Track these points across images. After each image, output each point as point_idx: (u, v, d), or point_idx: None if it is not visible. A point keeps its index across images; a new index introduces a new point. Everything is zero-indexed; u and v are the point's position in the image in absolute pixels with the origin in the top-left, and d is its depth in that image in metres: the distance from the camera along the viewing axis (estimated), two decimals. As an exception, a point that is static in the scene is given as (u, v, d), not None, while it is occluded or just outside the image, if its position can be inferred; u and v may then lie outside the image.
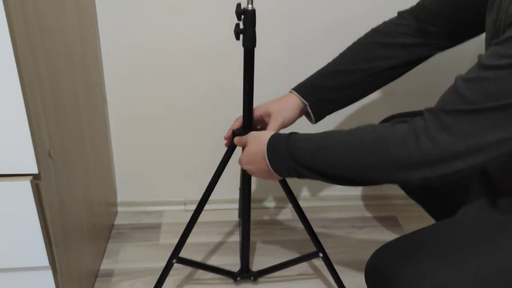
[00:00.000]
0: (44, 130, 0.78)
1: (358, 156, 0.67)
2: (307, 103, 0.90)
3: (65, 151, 0.90)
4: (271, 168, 0.78)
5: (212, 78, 1.25)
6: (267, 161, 0.78)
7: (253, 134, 0.86)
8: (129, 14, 1.15)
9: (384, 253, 0.75)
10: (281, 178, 0.84)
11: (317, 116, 0.92)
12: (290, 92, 0.92)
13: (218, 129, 1.30)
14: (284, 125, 0.91)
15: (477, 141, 0.59)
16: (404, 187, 1.03)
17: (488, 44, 0.72)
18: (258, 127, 0.94)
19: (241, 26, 0.80)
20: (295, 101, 0.91)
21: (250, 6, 0.78)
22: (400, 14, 0.90)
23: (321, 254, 1.03)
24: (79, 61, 1.00)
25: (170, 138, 1.32)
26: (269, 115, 0.91)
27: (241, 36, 0.81)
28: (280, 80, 1.27)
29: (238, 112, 0.91)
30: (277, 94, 1.33)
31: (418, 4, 0.89)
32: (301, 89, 0.91)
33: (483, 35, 0.81)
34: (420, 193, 1.01)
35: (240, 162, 0.88)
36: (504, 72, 0.55)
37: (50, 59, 0.81)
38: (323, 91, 0.90)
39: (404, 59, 0.88)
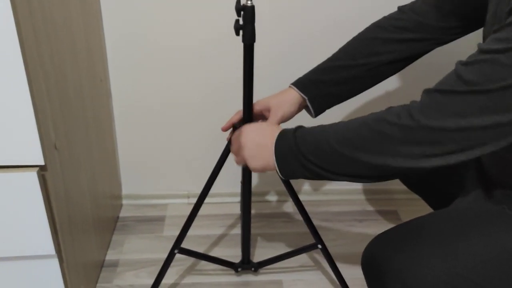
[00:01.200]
0: (50, 123, 0.80)
1: (356, 136, 0.67)
2: (306, 98, 0.91)
3: (71, 144, 0.92)
4: (277, 169, 0.76)
5: (215, 72, 1.27)
6: (276, 164, 0.75)
7: (252, 126, 0.84)
8: (133, 9, 1.17)
9: (380, 241, 0.77)
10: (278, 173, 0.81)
11: (316, 110, 0.93)
12: (289, 86, 0.94)
13: (222, 123, 1.32)
14: (284, 119, 0.92)
15: (469, 123, 0.59)
16: (404, 179, 1.04)
17: (486, 36, 0.73)
18: (259, 121, 0.96)
19: (241, 22, 0.82)
20: (294, 95, 0.92)
21: (249, 2, 0.80)
22: (400, 9, 0.91)
23: (319, 246, 1.04)
24: (84, 56, 1.02)
25: (174, 132, 1.34)
26: (268, 110, 0.92)
27: (240, 32, 0.83)
28: (279, 75, 1.28)
29: (240, 106, 0.93)
30: (276, 89, 1.34)
31: None
32: (300, 83, 0.92)
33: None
34: (419, 185, 1.02)
35: (240, 153, 0.83)
36: (501, 56, 0.55)
37: (55, 54, 0.83)
38: (322, 86, 0.91)
39: (403, 53, 0.89)
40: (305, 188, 1.47)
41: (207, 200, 0.99)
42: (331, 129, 0.72)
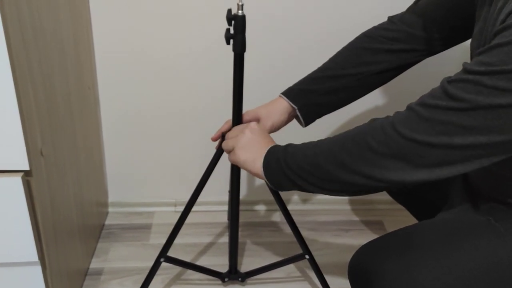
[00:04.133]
0: (37, 129, 0.80)
1: (340, 149, 0.68)
2: (296, 107, 0.92)
3: (57, 151, 0.92)
4: (262, 171, 0.78)
5: (204, 81, 1.27)
6: (262, 166, 0.78)
7: (256, 126, 0.85)
8: (123, 17, 1.17)
9: (367, 250, 0.77)
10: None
11: (306, 119, 0.93)
12: (279, 96, 0.94)
13: (209, 132, 1.31)
14: (273, 129, 0.93)
15: (451, 140, 0.60)
16: (389, 191, 1.05)
17: (473, 51, 0.74)
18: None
19: (232, 31, 0.83)
20: (284, 105, 0.92)
21: (240, 11, 0.81)
22: (390, 19, 0.92)
23: (307, 256, 1.05)
24: (73, 63, 1.02)
25: (161, 140, 1.34)
26: (258, 120, 0.92)
27: (231, 41, 0.84)
28: (270, 84, 1.29)
29: (229, 115, 0.93)
30: (266, 98, 1.35)
31: (408, 9, 0.91)
32: (290, 93, 0.93)
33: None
34: (404, 196, 1.03)
35: (231, 145, 0.85)
36: (484, 77, 0.57)
37: (43, 60, 0.83)
38: (312, 95, 0.91)
39: (392, 64, 0.90)
40: (292, 197, 1.47)
41: (194, 208, 0.98)
42: (318, 145, 0.73)
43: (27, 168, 0.77)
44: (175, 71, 1.25)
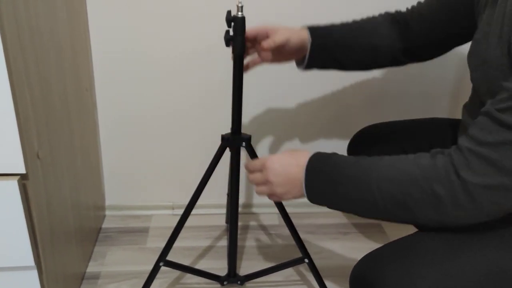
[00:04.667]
0: (33, 132, 0.79)
1: (401, 192, 0.65)
2: (310, 40, 0.89)
3: (54, 153, 0.91)
4: (305, 191, 0.74)
5: (202, 83, 1.26)
6: (304, 181, 0.73)
7: (275, 159, 0.77)
8: (121, 18, 1.16)
9: (369, 260, 0.76)
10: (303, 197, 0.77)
11: (310, 59, 0.90)
12: (301, 27, 0.92)
13: (207, 134, 1.31)
14: (287, 46, 0.87)
15: None
16: None
17: (474, 57, 0.73)
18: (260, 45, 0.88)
19: (231, 33, 0.82)
20: (304, 33, 0.90)
21: (240, 13, 0.80)
22: (394, 16, 0.92)
23: (306, 260, 1.04)
24: (70, 65, 1.01)
25: (159, 142, 1.33)
26: (275, 31, 0.87)
27: (230, 43, 0.83)
28: (269, 86, 1.29)
29: (227, 117, 0.92)
30: (266, 100, 1.35)
31: (412, 8, 0.92)
32: (312, 28, 0.91)
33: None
34: None
35: (268, 188, 0.79)
36: None
37: (40, 62, 0.82)
38: (328, 39, 0.90)
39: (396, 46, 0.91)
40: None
41: (192, 211, 0.98)
42: (373, 179, 0.67)
43: (23, 171, 0.75)
44: (173, 72, 1.24)
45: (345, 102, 1.33)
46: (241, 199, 1.43)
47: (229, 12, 0.81)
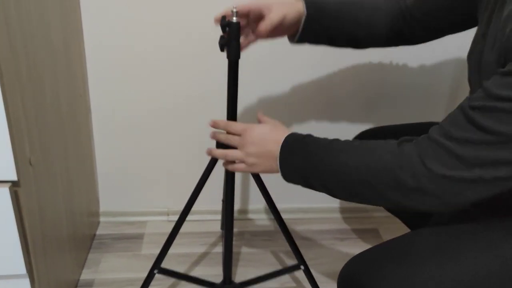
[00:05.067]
0: (25, 138, 0.78)
1: (367, 171, 0.67)
2: (305, 13, 0.86)
3: (47, 160, 0.90)
4: (278, 163, 0.76)
5: (197, 88, 1.26)
6: (278, 156, 0.76)
7: (276, 123, 0.82)
8: (115, 23, 1.15)
9: (359, 261, 0.76)
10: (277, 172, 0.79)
11: (303, 33, 0.88)
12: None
13: (203, 140, 1.30)
14: (284, 22, 0.84)
15: (485, 173, 0.58)
16: None
17: (473, 55, 0.73)
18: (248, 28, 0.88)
19: (226, 38, 0.81)
20: (299, 5, 0.87)
21: (234, 18, 0.80)
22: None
23: (302, 267, 1.03)
24: (64, 70, 1.00)
25: (154, 148, 1.32)
26: (269, 8, 0.83)
27: (225, 48, 0.82)
28: (264, 88, 1.28)
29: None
30: (261, 104, 1.35)
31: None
32: (307, 0, 0.88)
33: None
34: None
35: (239, 138, 0.82)
36: None
37: (33, 67, 0.81)
38: (324, 13, 0.88)
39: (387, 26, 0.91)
40: (284, 206, 1.46)
41: (187, 217, 0.97)
42: (343, 159, 0.70)
43: (14, 178, 0.74)
44: (168, 78, 1.23)
45: (341, 107, 1.33)
46: (236, 205, 1.42)
47: (223, 18, 0.81)
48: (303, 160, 0.74)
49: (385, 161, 0.66)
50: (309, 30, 0.88)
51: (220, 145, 0.88)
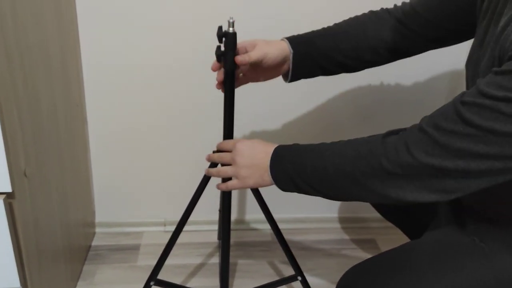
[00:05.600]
0: (21, 149, 0.77)
1: (353, 167, 0.68)
2: (291, 52, 0.88)
3: (42, 171, 0.89)
4: (269, 172, 0.77)
5: (193, 98, 1.26)
6: (269, 164, 0.77)
7: (244, 144, 0.83)
8: (112, 34, 1.15)
9: (354, 273, 0.76)
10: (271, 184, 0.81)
11: (294, 71, 0.89)
12: (281, 39, 0.90)
13: (199, 150, 1.30)
14: (265, 61, 0.86)
15: (467, 164, 0.59)
16: (379, 208, 1.04)
17: (471, 64, 0.73)
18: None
19: (222, 49, 0.82)
20: (283, 45, 0.88)
21: (231, 29, 0.80)
22: (391, 13, 0.90)
23: (299, 278, 1.02)
24: (60, 80, 1.00)
25: (150, 158, 1.32)
26: (254, 46, 0.86)
27: (222, 59, 0.82)
28: (261, 102, 1.28)
29: (219, 133, 0.92)
30: (258, 115, 1.34)
31: (408, 4, 0.89)
32: (291, 38, 0.90)
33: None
34: (393, 214, 1.02)
35: (234, 171, 0.83)
36: (501, 104, 0.55)
37: (29, 78, 0.81)
38: (310, 47, 0.89)
39: (388, 44, 0.89)
40: (281, 216, 1.45)
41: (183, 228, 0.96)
42: (328, 156, 0.72)
43: (9, 190, 0.74)
44: (165, 88, 1.23)
45: (336, 118, 1.33)
46: (233, 215, 1.42)
47: (220, 28, 0.81)
48: (293, 165, 0.74)
49: (369, 149, 0.67)
50: (301, 66, 0.90)
51: (214, 165, 0.90)
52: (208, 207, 1.27)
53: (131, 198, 1.37)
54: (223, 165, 0.86)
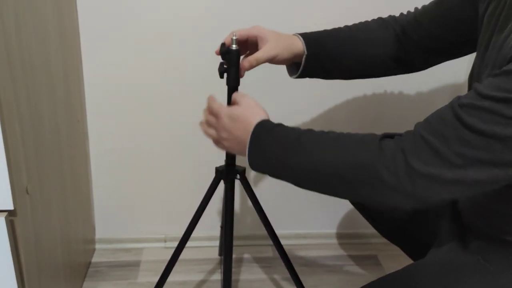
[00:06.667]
0: (23, 167, 0.77)
1: (345, 168, 0.65)
2: (306, 53, 0.85)
3: (44, 188, 0.89)
4: (247, 156, 0.74)
5: (194, 114, 1.25)
6: (247, 148, 0.73)
7: (251, 103, 0.79)
8: (113, 51, 1.16)
9: None
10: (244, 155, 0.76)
11: (304, 70, 0.88)
12: (294, 35, 0.86)
13: (199, 166, 1.30)
14: (274, 61, 0.84)
15: (465, 173, 0.57)
16: (379, 228, 1.03)
17: (473, 77, 0.73)
18: (247, 52, 0.86)
19: (225, 65, 0.82)
20: (298, 45, 0.85)
21: (234, 46, 0.80)
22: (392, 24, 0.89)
23: (302, 294, 1.02)
24: (62, 96, 1.00)
25: (150, 174, 1.31)
26: (264, 42, 0.83)
27: (224, 75, 0.83)
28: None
29: (217, 150, 0.91)
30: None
31: (413, 15, 0.88)
32: (307, 37, 0.86)
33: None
34: (395, 234, 1.01)
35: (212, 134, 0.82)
36: (502, 106, 0.54)
37: (32, 95, 0.81)
38: (323, 49, 0.87)
39: (393, 50, 0.88)
40: (283, 232, 1.44)
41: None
42: (315, 149, 0.68)
43: (11, 207, 0.73)
44: (166, 104, 1.23)
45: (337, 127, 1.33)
46: (235, 231, 1.41)
47: (223, 45, 0.81)
48: (272, 155, 0.71)
49: (364, 156, 0.64)
50: (309, 67, 0.88)
51: None
52: (209, 223, 1.27)
53: (131, 214, 1.36)
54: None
